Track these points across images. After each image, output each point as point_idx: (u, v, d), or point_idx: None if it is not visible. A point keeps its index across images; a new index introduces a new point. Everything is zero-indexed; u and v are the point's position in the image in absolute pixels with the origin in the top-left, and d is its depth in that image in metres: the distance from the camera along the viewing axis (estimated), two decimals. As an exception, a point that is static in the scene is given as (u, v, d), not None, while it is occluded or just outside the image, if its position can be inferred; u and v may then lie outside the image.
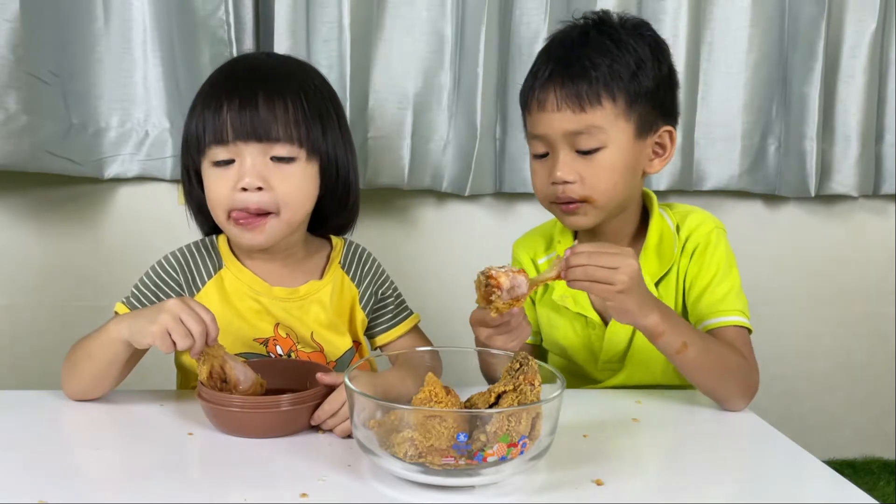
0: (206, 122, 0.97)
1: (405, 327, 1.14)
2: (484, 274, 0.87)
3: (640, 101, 1.04)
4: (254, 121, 0.95)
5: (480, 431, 0.71)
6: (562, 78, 1.03)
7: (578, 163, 1.04)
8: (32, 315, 1.70)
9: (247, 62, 1.06)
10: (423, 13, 1.72)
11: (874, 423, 2.06)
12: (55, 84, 1.57)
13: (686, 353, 0.96)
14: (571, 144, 1.04)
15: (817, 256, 2.00)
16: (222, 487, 0.74)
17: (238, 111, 0.95)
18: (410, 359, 0.99)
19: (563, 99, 1.03)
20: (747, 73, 1.85)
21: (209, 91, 1.00)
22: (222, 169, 0.97)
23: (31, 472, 0.77)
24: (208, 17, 1.61)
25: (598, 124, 1.03)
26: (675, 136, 1.11)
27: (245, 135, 0.95)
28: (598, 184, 1.04)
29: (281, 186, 0.97)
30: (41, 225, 1.69)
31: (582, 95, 1.02)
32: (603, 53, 1.03)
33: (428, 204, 1.83)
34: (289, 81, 0.99)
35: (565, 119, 1.03)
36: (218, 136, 0.96)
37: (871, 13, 1.83)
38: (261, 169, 0.96)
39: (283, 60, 1.07)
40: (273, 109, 0.96)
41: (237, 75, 1.01)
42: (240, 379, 0.90)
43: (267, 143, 0.96)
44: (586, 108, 1.02)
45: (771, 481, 0.80)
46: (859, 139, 1.87)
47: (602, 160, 1.04)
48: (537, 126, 1.06)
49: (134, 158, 1.68)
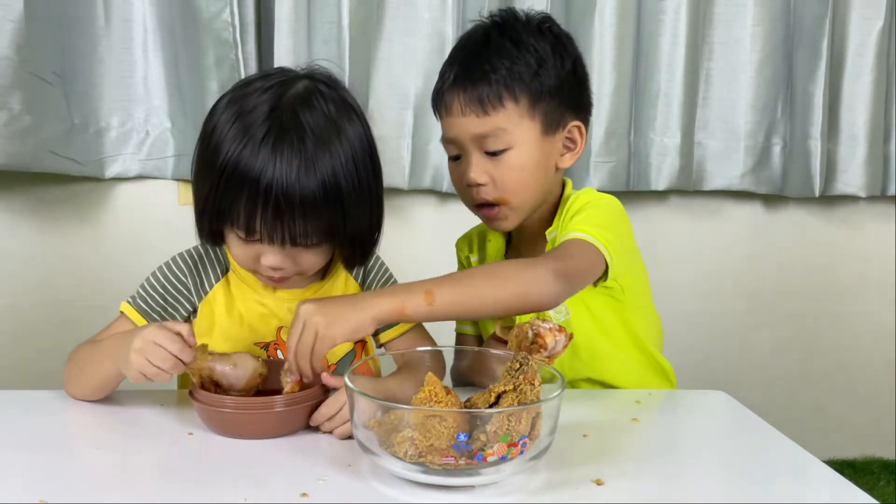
0: (236, 206, 0.91)
1: (405, 325, 1.13)
2: (532, 330, 0.86)
3: (544, 98, 1.05)
4: (286, 232, 0.91)
5: (480, 431, 0.71)
6: (464, 83, 1.04)
7: (488, 164, 1.05)
8: (33, 314, 1.70)
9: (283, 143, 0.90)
10: (424, 13, 1.72)
11: (874, 424, 2.06)
12: (57, 84, 1.58)
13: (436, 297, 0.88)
14: (480, 146, 1.05)
15: (819, 257, 2.00)
16: (222, 487, 0.74)
17: (272, 220, 0.90)
18: (411, 362, 0.98)
19: (466, 103, 1.04)
20: (751, 73, 1.85)
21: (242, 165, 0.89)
22: (247, 243, 0.95)
23: (31, 471, 0.77)
24: (213, 19, 1.61)
25: (501, 126, 1.04)
26: (584, 131, 1.11)
27: (277, 242, 0.93)
28: (508, 184, 1.06)
29: (304, 263, 0.97)
30: (42, 224, 1.69)
31: (483, 99, 1.03)
32: (503, 56, 1.04)
33: (428, 204, 1.83)
34: (319, 163, 0.90)
35: (470, 123, 1.04)
36: (248, 229, 0.92)
37: (878, 11, 1.82)
38: (284, 256, 0.95)
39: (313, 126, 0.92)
40: (306, 222, 0.91)
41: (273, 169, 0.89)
42: (231, 382, 0.90)
43: (296, 248, 0.95)
44: (489, 111, 1.03)
45: (771, 481, 0.80)
46: (867, 139, 1.87)
47: (510, 160, 1.05)
48: (447, 130, 1.08)
49: (135, 158, 1.69)
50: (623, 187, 1.85)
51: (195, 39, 1.62)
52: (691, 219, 1.95)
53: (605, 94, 1.80)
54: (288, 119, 0.91)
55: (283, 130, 0.90)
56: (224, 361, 0.90)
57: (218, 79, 1.64)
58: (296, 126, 0.91)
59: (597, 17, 1.75)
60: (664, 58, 1.80)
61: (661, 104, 1.82)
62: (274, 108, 0.92)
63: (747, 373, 2.02)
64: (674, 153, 1.82)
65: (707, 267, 1.97)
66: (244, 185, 0.90)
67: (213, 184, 0.92)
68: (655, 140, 1.83)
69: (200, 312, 1.04)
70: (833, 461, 1.98)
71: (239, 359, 0.91)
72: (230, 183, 0.91)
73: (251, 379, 0.91)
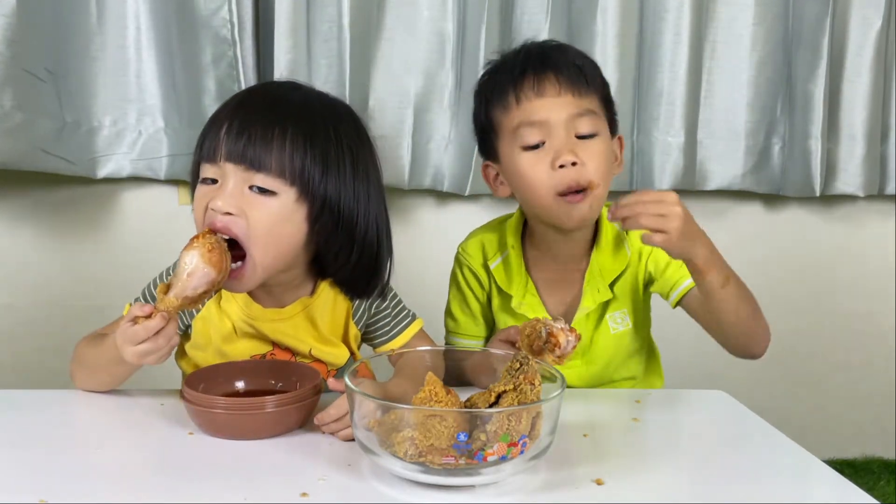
0: (207, 138, 0.94)
1: (405, 337, 1.11)
2: (546, 329, 0.86)
3: (605, 101, 1.11)
4: (245, 146, 0.90)
5: (480, 431, 0.71)
6: (556, 65, 1.06)
7: (578, 147, 1.06)
8: (32, 314, 1.70)
9: (266, 89, 1.03)
10: (424, 12, 1.72)
11: (874, 423, 2.06)
12: (50, 81, 1.55)
13: (728, 288, 1.00)
14: (571, 128, 1.06)
15: (819, 256, 2.00)
16: (222, 487, 0.74)
17: (236, 134, 0.91)
18: (411, 364, 0.98)
19: (564, 83, 1.05)
20: (751, 72, 1.84)
21: (220, 109, 0.97)
22: (207, 187, 0.94)
23: (31, 471, 0.77)
24: (211, 17, 1.60)
25: (593, 109, 1.07)
26: (624, 146, 1.16)
27: (233, 157, 0.90)
28: (598, 167, 1.06)
29: (254, 216, 0.90)
30: (41, 225, 1.69)
31: (580, 80, 1.06)
32: (580, 56, 1.10)
33: (428, 204, 1.83)
34: (299, 116, 0.94)
35: (568, 103, 1.05)
36: (210, 154, 0.93)
37: (877, 11, 1.82)
38: (238, 197, 0.91)
39: (308, 96, 0.98)
40: (269, 139, 0.90)
41: (250, 100, 0.97)
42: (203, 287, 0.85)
43: (251, 171, 0.90)
44: (583, 93, 1.06)
45: (771, 481, 0.80)
46: (865, 138, 1.86)
47: (597, 146, 1.07)
48: (536, 111, 1.06)
49: (127, 158, 1.66)
50: (626, 187, 1.84)
51: (192, 37, 1.61)
52: (692, 218, 1.95)
53: (607, 93, 1.79)
54: (282, 85, 1.01)
55: (273, 86, 1.01)
56: (178, 281, 0.85)
57: (215, 77, 1.63)
58: (286, 87, 0.99)
59: (599, 15, 1.75)
60: (667, 56, 1.79)
61: (665, 103, 1.81)
62: (270, 84, 1.03)
63: (747, 373, 2.01)
64: (677, 152, 1.82)
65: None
66: (221, 112, 0.95)
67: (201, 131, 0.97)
68: (659, 139, 1.83)
69: (195, 329, 1.03)
70: (833, 461, 1.98)
71: (186, 265, 0.85)
72: (212, 116, 0.96)
73: (212, 265, 0.86)
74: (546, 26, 1.71)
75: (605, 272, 1.13)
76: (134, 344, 0.86)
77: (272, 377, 0.97)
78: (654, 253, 1.13)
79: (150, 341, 0.86)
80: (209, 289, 0.86)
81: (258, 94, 1.02)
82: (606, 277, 1.13)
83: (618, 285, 1.14)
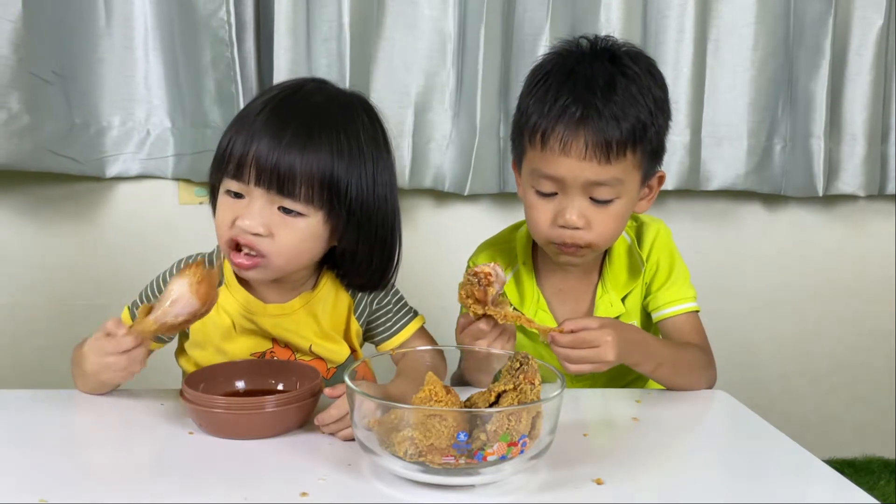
0: (234, 149, 0.92)
1: (407, 333, 1.11)
2: (471, 275, 0.87)
3: (652, 153, 1.04)
4: (277, 171, 0.90)
5: (480, 430, 0.71)
6: (593, 125, 0.98)
7: (590, 210, 1.03)
8: (33, 313, 1.70)
9: (296, 99, 0.96)
10: (425, 11, 1.72)
11: (875, 423, 2.06)
12: (57, 84, 1.58)
13: (659, 371, 1.03)
14: (587, 192, 1.02)
15: (819, 256, 1.99)
16: (223, 487, 0.74)
17: (266, 156, 0.90)
18: (412, 365, 0.98)
19: (591, 149, 0.98)
20: (753, 72, 1.84)
21: (243, 121, 0.95)
22: (232, 200, 0.94)
23: (31, 471, 0.77)
24: (210, 17, 1.61)
25: (619, 177, 1.01)
26: (664, 177, 1.12)
27: (262, 182, 0.91)
28: (606, 232, 1.05)
29: (281, 236, 0.93)
30: (42, 223, 1.69)
31: (612, 147, 0.98)
32: (632, 103, 1.00)
33: (428, 204, 1.83)
34: (330, 130, 0.93)
35: (590, 169, 0.99)
36: (238, 173, 0.92)
37: (878, 10, 1.82)
38: (266, 216, 0.92)
39: (329, 103, 0.97)
40: (298, 165, 0.90)
41: (276, 117, 0.93)
42: (183, 316, 0.86)
43: (279, 196, 0.91)
44: (612, 161, 0.99)
45: (771, 481, 0.80)
46: (866, 138, 1.86)
47: (614, 210, 1.04)
48: (556, 167, 1.01)
49: (136, 157, 1.69)
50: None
51: (192, 38, 1.62)
52: (692, 218, 1.95)
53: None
54: (308, 91, 0.98)
55: (300, 93, 0.97)
56: (160, 307, 0.86)
57: (214, 78, 1.63)
58: (310, 93, 0.98)
59: (602, 14, 1.74)
60: (670, 55, 1.79)
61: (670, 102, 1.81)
62: (296, 88, 0.98)
63: (747, 372, 2.02)
64: (682, 151, 1.81)
65: (708, 266, 1.97)
66: (245, 119, 0.94)
67: (226, 131, 0.96)
68: (665, 138, 1.83)
69: (193, 327, 1.02)
70: (833, 460, 1.98)
71: (172, 292, 0.86)
72: (234, 125, 0.95)
73: (198, 296, 0.86)
74: (547, 26, 1.71)
75: (618, 286, 1.14)
76: (99, 356, 0.88)
77: (272, 377, 0.97)
78: (658, 273, 1.14)
79: (114, 357, 0.87)
80: (190, 319, 0.87)
81: (284, 107, 0.95)
82: (619, 291, 1.14)
83: (629, 299, 1.15)
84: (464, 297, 0.95)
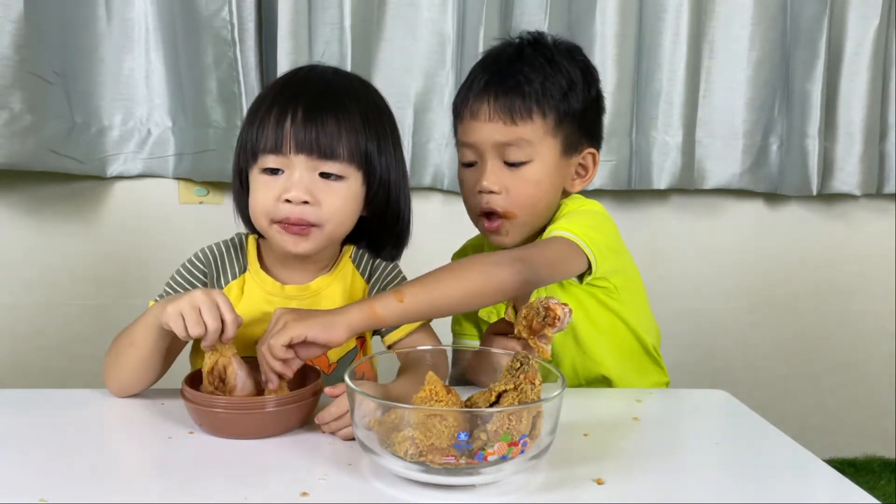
0: (267, 129, 0.95)
1: (412, 325, 1.11)
2: (542, 305, 0.86)
3: (568, 120, 1.07)
4: (318, 136, 0.93)
5: (481, 430, 0.71)
6: (496, 89, 1.05)
7: (505, 174, 1.07)
8: (34, 313, 1.70)
9: (316, 74, 1.02)
10: (424, 13, 1.73)
11: (875, 422, 2.07)
12: (58, 84, 1.58)
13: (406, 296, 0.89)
14: (500, 155, 1.06)
15: (816, 255, 2.00)
16: (223, 487, 0.74)
17: (303, 123, 0.93)
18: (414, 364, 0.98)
19: (495, 110, 1.05)
20: (749, 71, 1.85)
21: (275, 98, 0.97)
22: (270, 177, 0.96)
23: (31, 470, 0.77)
24: (212, 18, 1.61)
25: (527, 138, 1.05)
26: (598, 160, 1.14)
27: (304, 148, 0.94)
28: (520, 197, 1.07)
29: (327, 202, 0.96)
30: (42, 222, 1.70)
31: (514, 108, 1.04)
32: (537, 70, 1.06)
33: (428, 202, 1.83)
34: (355, 99, 0.98)
35: (496, 130, 1.05)
36: (276, 146, 0.94)
37: (874, 10, 1.83)
38: (308, 183, 0.95)
39: (348, 78, 1.04)
40: (337, 127, 0.94)
41: (304, 89, 0.98)
42: (237, 385, 0.90)
43: (323, 160, 0.95)
44: (517, 121, 1.05)
45: (771, 481, 0.80)
46: (862, 137, 1.87)
47: (527, 174, 1.06)
48: (468, 134, 1.08)
49: (137, 157, 1.69)
50: (625, 186, 1.85)
51: (195, 38, 1.62)
52: (690, 217, 1.95)
53: (606, 93, 1.76)
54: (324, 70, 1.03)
55: (318, 70, 1.02)
56: (242, 366, 0.91)
57: (217, 78, 1.64)
58: (329, 71, 1.03)
59: (598, 14, 1.75)
60: (666, 55, 1.80)
61: (663, 102, 1.82)
62: (312, 68, 1.03)
63: (747, 372, 2.02)
64: (675, 151, 1.82)
65: (706, 266, 1.97)
66: (279, 101, 0.96)
67: (246, 125, 0.98)
68: (657, 138, 1.83)
69: None
70: (834, 460, 1.98)
71: (253, 370, 0.91)
72: (264, 102, 0.97)
73: (250, 393, 0.91)
74: (545, 27, 1.72)
75: None
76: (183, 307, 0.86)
77: None
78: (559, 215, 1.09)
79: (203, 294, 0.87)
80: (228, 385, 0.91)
81: (310, 79, 1.01)
82: None
83: (571, 287, 1.11)
84: (519, 317, 0.90)
